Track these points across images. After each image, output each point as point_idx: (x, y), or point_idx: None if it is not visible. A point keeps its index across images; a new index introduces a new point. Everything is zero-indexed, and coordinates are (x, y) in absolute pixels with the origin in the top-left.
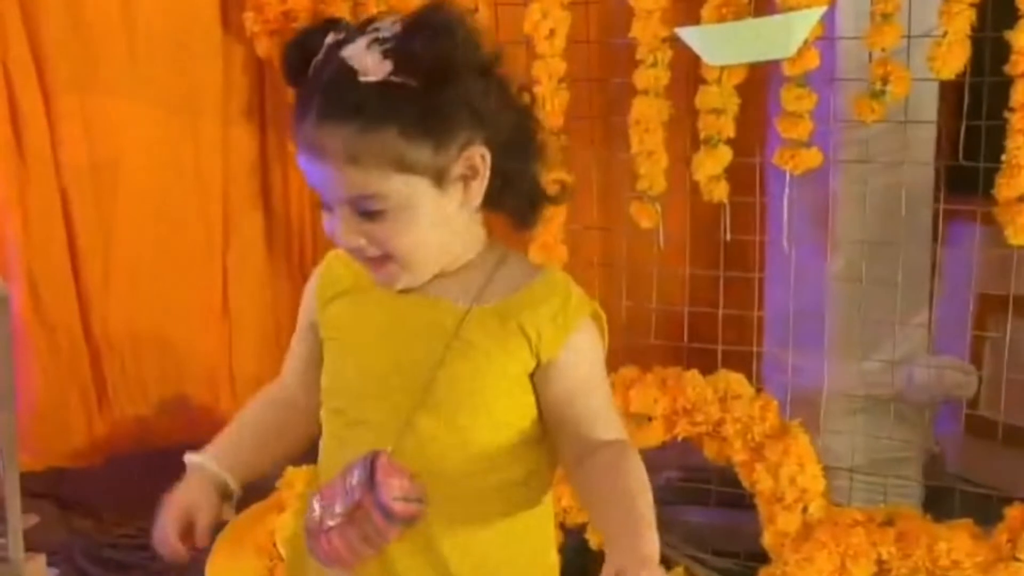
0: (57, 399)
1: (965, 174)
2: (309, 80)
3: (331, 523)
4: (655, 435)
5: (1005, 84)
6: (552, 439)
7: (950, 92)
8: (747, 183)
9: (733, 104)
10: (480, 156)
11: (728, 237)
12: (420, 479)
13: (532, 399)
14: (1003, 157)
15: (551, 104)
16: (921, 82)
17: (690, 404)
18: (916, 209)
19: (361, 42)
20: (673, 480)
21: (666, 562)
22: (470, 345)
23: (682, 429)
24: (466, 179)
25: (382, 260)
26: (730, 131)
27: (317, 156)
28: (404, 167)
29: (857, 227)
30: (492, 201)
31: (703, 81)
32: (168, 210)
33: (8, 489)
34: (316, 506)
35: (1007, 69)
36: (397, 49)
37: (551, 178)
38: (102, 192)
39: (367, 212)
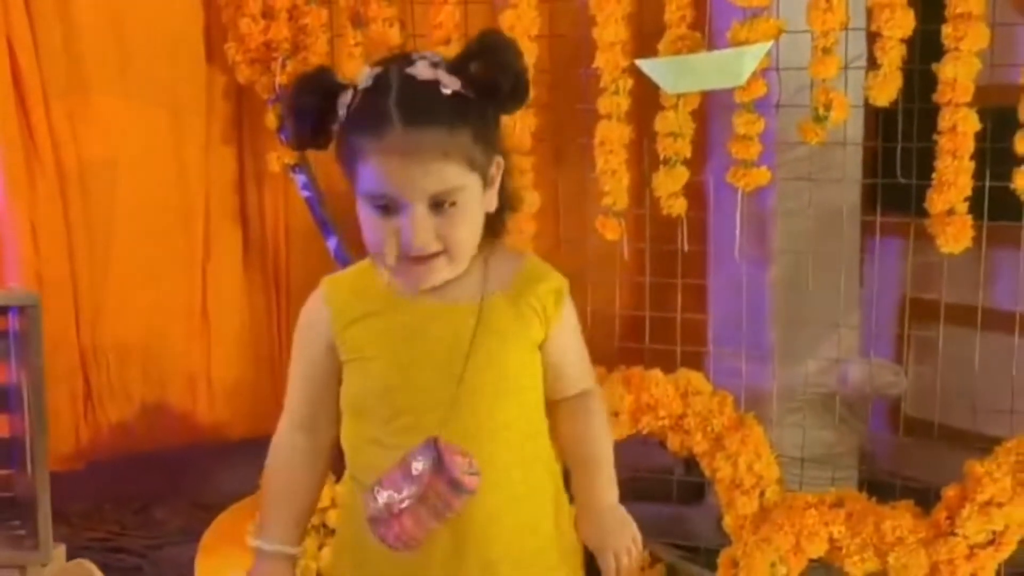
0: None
1: (896, 190)
2: (371, 101)
3: (402, 506)
4: (622, 429)
5: (928, 110)
6: (548, 387)
7: (871, 117)
8: (691, 200)
9: (689, 128)
10: (499, 164)
11: (686, 248)
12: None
13: (539, 366)
14: (933, 176)
15: (519, 127)
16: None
17: (654, 400)
18: (846, 222)
19: (422, 64)
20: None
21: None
22: (493, 331)
23: (646, 423)
24: (492, 183)
25: (433, 256)
26: (687, 152)
27: (411, 155)
28: (474, 166)
29: (791, 239)
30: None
31: (661, 107)
32: (153, 224)
33: (39, 483)
34: (381, 495)
35: (935, 97)
36: (458, 69)
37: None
38: (91, 205)
39: (442, 205)
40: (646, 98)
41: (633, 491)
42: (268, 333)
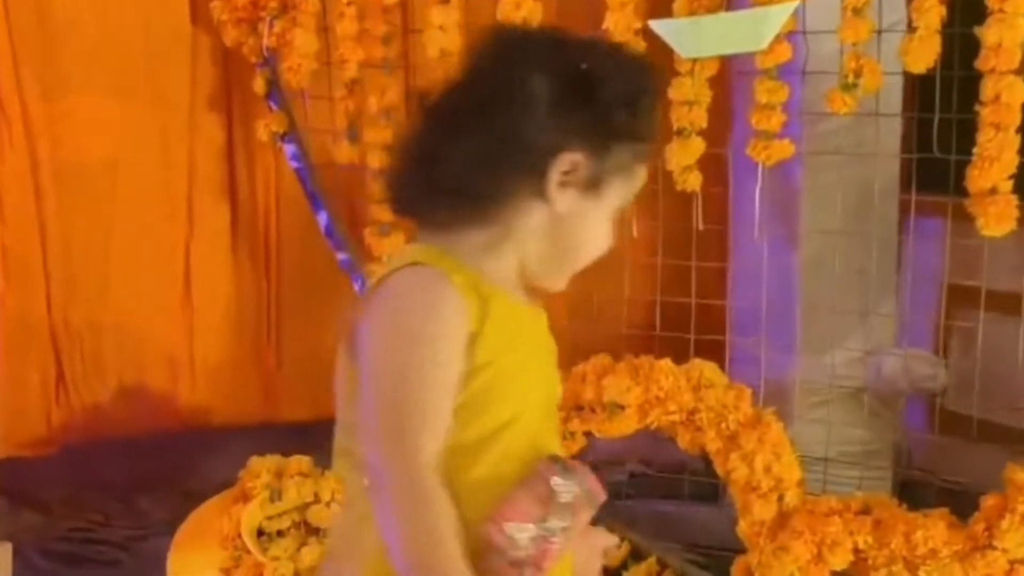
0: (15, 386)
1: (934, 167)
2: (652, 103)
3: (553, 538)
4: (628, 423)
5: (971, 79)
6: None
7: (910, 86)
8: (710, 174)
9: (705, 96)
10: None
11: (701, 227)
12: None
13: None
14: (974, 150)
15: None
16: (887, 76)
17: (663, 393)
18: (882, 202)
19: None
20: (638, 474)
21: (637, 553)
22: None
23: (655, 418)
24: None
25: None
26: (703, 122)
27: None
28: None
29: (822, 219)
30: None
31: (676, 73)
32: (131, 196)
33: None
34: (522, 531)
35: (977, 64)
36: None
37: None
38: (65, 179)
39: None
40: (660, 63)
41: (643, 488)
42: (256, 313)
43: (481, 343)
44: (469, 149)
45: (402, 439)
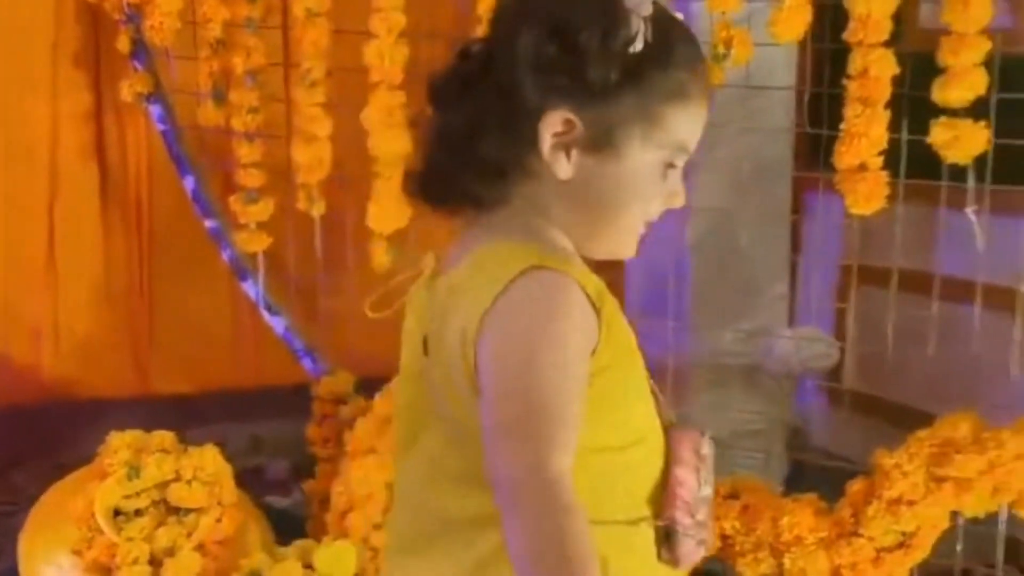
0: None
1: (832, 143)
2: (682, 33)
3: (709, 505)
4: None
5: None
6: None
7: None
8: None
9: None
10: None
11: None
12: None
13: None
14: (842, 125)
15: (389, 59)
16: (777, 48)
17: None
18: (773, 178)
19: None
20: None
21: None
22: None
23: None
24: None
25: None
26: None
27: (708, 103)
28: None
29: (715, 195)
30: None
31: None
32: None
33: None
34: (693, 510)
35: (845, 36)
36: None
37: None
38: None
39: None
40: None
41: None
42: (127, 281)
43: (609, 339)
44: (470, 118)
45: (536, 451)
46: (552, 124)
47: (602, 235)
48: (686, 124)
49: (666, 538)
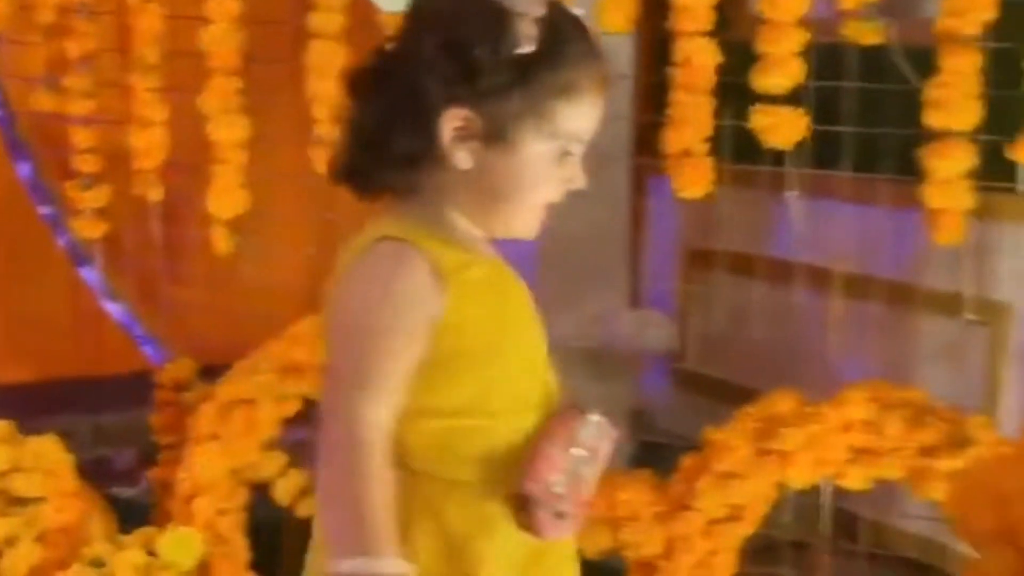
0: None
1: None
2: (575, 32)
3: (584, 483)
4: None
5: None
6: None
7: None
8: None
9: None
10: None
11: None
12: None
13: None
14: (667, 112)
15: (225, 46)
16: (616, 37)
17: None
18: (610, 164)
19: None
20: None
21: None
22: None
23: None
24: None
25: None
26: None
27: (602, 92)
28: None
29: None
30: None
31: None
32: None
33: None
34: (556, 485)
35: (668, 25)
36: None
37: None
38: None
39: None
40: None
41: None
42: None
43: (453, 304)
44: (381, 114)
45: (348, 401)
46: (451, 120)
47: (503, 218)
48: (577, 117)
49: (521, 507)
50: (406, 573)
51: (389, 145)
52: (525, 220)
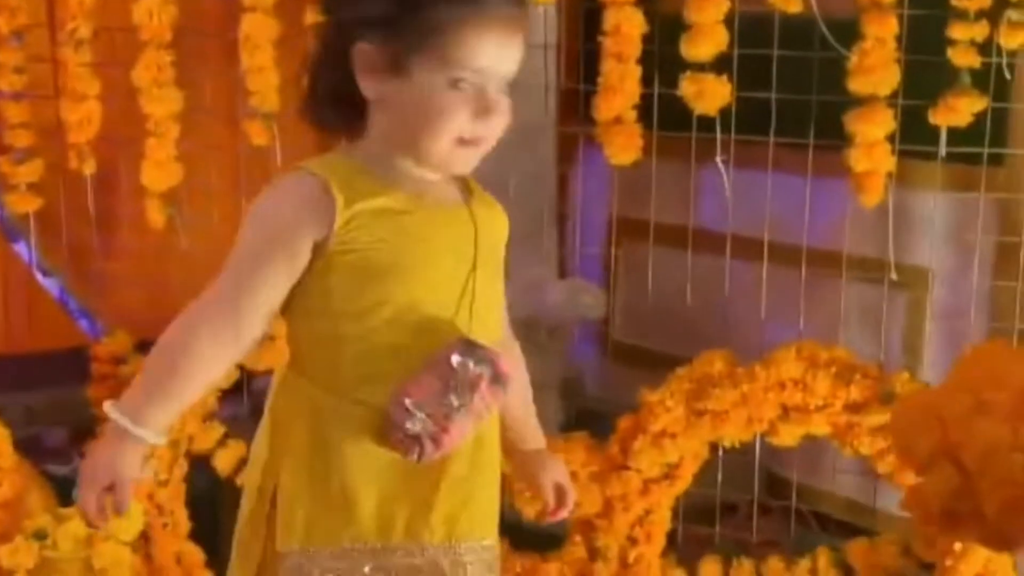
0: None
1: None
2: None
3: (453, 414)
4: None
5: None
6: None
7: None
8: None
9: None
10: None
11: None
12: None
13: None
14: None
15: (157, 18)
16: (540, 7)
17: None
18: (536, 133)
19: None
20: None
21: None
22: (488, 239)
23: None
24: None
25: (480, 141)
26: None
27: (509, 31)
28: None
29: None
30: None
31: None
32: None
33: None
34: (419, 408)
35: None
36: None
37: None
38: None
39: (503, 92)
40: None
41: None
42: None
43: (350, 232)
44: (313, 57)
45: (219, 289)
46: (358, 55)
47: (423, 151)
48: (468, 46)
49: (383, 423)
50: (151, 442)
51: (318, 83)
52: (444, 153)
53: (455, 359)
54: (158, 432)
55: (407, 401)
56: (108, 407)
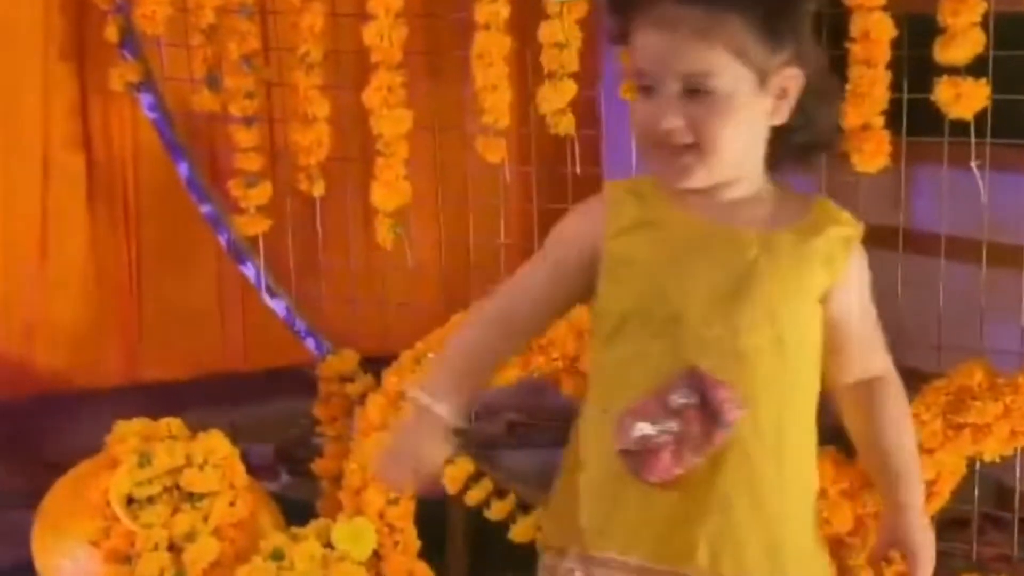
0: None
1: None
2: None
3: (660, 440)
4: (512, 372)
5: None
6: (826, 361)
7: None
8: (582, 117)
9: (576, 37)
10: (794, 77)
11: (578, 171)
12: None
13: (819, 322)
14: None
15: (388, 39)
16: None
17: (546, 340)
18: None
19: None
20: (516, 423)
21: (500, 492)
22: (774, 269)
23: (539, 366)
24: (779, 95)
25: (684, 149)
26: (574, 65)
27: (670, 30)
28: (739, 55)
29: None
30: (782, 136)
31: (545, 15)
32: None
33: None
34: (635, 428)
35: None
36: None
37: None
38: None
39: (695, 91)
40: (528, 5)
41: (523, 438)
42: (115, 271)
43: (613, 247)
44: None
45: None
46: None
47: (649, 161)
48: (638, 51)
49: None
50: (445, 419)
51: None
52: (653, 165)
53: (671, 390)
54: (457, 411)
55: (626, 419)
56: (409, 387)
